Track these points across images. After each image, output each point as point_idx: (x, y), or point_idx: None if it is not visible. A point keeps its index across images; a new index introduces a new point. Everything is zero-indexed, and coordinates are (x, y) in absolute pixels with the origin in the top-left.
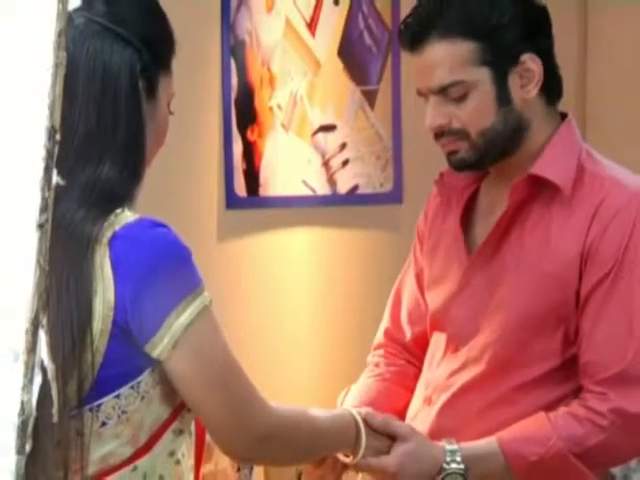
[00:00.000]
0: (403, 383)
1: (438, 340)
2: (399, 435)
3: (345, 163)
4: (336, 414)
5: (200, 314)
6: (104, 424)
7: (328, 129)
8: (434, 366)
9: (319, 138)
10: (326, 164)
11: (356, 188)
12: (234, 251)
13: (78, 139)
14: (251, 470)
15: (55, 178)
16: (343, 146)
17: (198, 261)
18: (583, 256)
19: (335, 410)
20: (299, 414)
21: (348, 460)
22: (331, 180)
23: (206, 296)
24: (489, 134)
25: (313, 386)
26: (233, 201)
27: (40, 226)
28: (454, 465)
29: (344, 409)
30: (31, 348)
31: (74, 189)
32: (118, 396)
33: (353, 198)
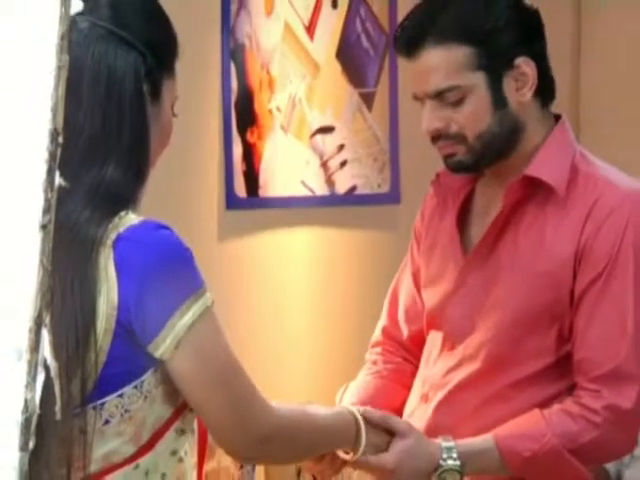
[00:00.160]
0: (400, 380)
1: (434, 338)
2: (398, 431)
3: (343, 164)
4: (336, 412)
5: (202, 315)
6: (107, 422)
7: (326, 131)
8: (430, 364)
9: (317, 140)
10: (324, 165)
11: (354, 189)
12: (234, 251)
13: (83, 142)
14: (253, 467)
15: (58, 180)
16: (341, 147)
17: (199, 261)
18: (577, 255)
19: (335, 408)
20: (300, 414)
21: (348, 457)
22: (329, 181)
23: (208, 297)
24: (486, 137)
25: (312, 383)
26: (233, 202)
27: (43, 227)
28: (450, 462)
29: (344, 407)
30: (34, 347)
31: (79, 191)
32: (121, 395)
33: (351, 198)
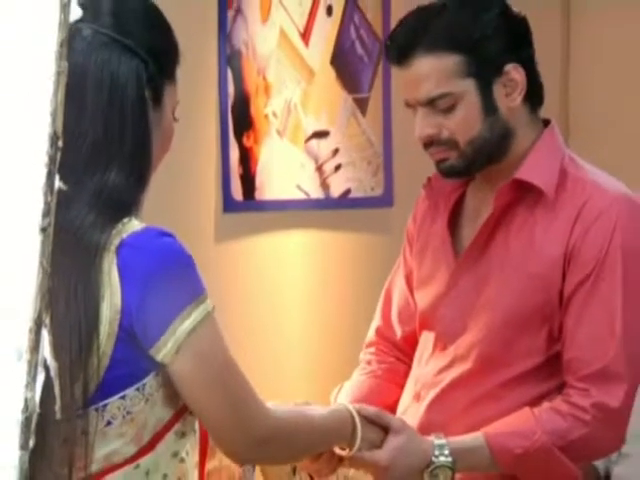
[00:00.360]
0: (394, 380)
1: (427, 338)
2: (391, 427)
3: (337, 168)
4: (332, 409)
5: (203, 320)
6: (109, 424)
7: (321, 135)
8: (423, 363)
9: (312, 144)
10: (319, 169)
11: (348, 192)
12: (231, 253)
13: (86, 147)
14: (254, 466)
15: (57, 183)
16: (336, 152)
17: (196, 262)
18: (566, 257)
19: (331, 405)
20: (297, 415)
21: (344, 453)
22: (324, 184)
23: (209, 303)
24: (477, 142)
25: (308, 383)
26: (230, 204)
27: (43, 230)
28: (442, 458)
29: (340, 404)
30: (34, 347)
31: (83, 196)
32: (124, 397)
33: (345, 202)
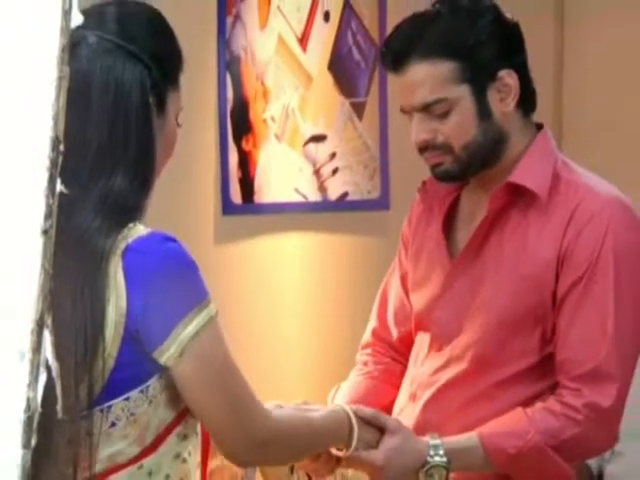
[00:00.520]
0: (390, 380)
1: (422, 339)
2: (388, 428)
3: (335, 171)
4: (330, 411)
5: (206, 325)
6: (113, 425)
7: (319, 139)
8: (418, 364)
9: (310, 148)
10: (317, 172)
11: (345, 195)
12: (230, 255)
13: (91, 152)
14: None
15: (59, 186)
16: (333, 155)
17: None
18: (559, 259)
19: (329, 407)
20: (296, 417)
21: (341, 453)
22: (322, 187)
23: (212, 308)
24: (471, 147)
25: (305, 384)
26: (229, 207)
27: (45, 232)
28: (437, 458)
29: (337, 405)
30: (36, 347)
31: (88, 201)
32: (128, 399)
33: (343, 204)
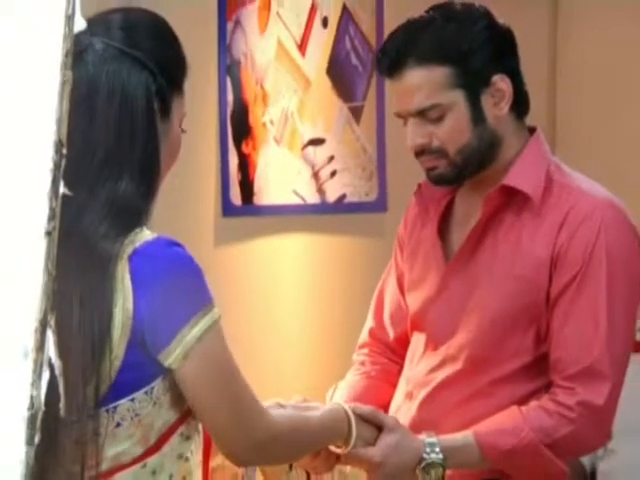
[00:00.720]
0: (387, 379)
1: (418, 339)
2: (385, 425)
3: (333, 174)
4: (329, 409)
5: (209, 328)
6: (119, 425)
7: (317, 143)
8: (414, 363)
9: (309, 151)
10: (315, 175)
11: (343, 197)
12: (230, 256)
13: (98, 157)
14: None
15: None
16: (331, 158)
17: None
18: (553, 260)
19: (328, 405)
20: (295, 418)
21: (340, 451)
22: (320, 190)
23: (216, 312)
24: (466, 151)
25: (303, 383)
26: (229, 209)
27: (48, 233)
28: (434, 455)
29: (336, 403)
30: (39, 346)
31: (95, 205)
32: (133, 400)
33: (341, 206)
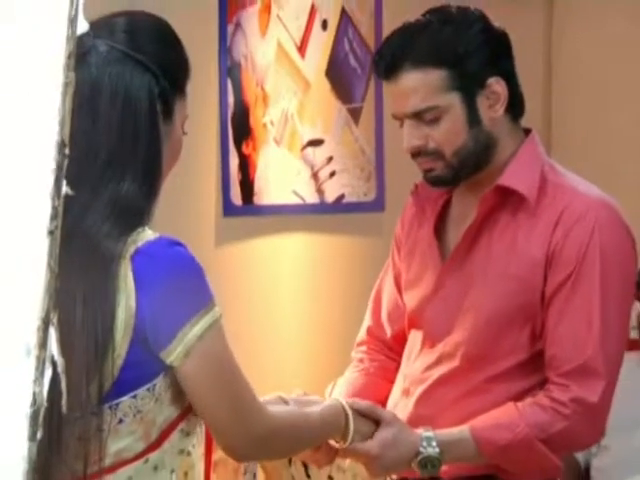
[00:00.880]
0: (385, 376)
1: (415, 337)
2: (383, 420)
3: (332, 174)
4: (327, 405)
5: (210, 327)
6: (121, 421)
7: (316, 143)
8: (411, 361)
9: (308, 152)
10: (315, 175)
11: (342, 197)
12: (230, 255)
13: (101, 158)
14: None
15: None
16: (330, 159)
17: None
18: (547, 259)
19: (326, 401)
20: (294, 414)
21: (338, 445)
22: (319, 190)
23: (217, 311)
24: (462, 153)
25: (303, 380)
26: (230, 209)
27: (50, 232)
28: (430, 449)
29: (334, 399)
30: (42, 344)
31: (98, 205)
32: (135, 397)
33: (339, 206)
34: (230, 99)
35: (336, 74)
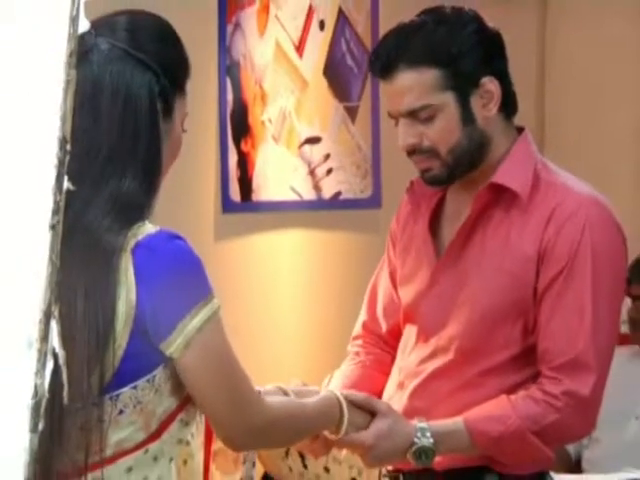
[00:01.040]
0: (380, 369)
1: (410, 331)
2: (379, 410)
3: (329, 171)
4: (322, 397)
5: (209, 319)
6: (121, 412)
7: (314, 141)
8: (406, 354)
9: (305, 149)
10: (312, 172)
11: (339, 194)
12: (229, 251)
13: (102, 154)
14: None
15: (66, 184)
16: (327, 156)
17: None
18: (540, 255)
19: (322, 393)
20: (290, 405)
21: (332, 437)
22: (316, 187)
23: (215, 303)
24: (457, 151)
25: (300, 373)
26: (229, 205)
27: (52, 227)
28: (425, 440)
29: (329, 391)
30: (44, 337)
31: (99, 200)
32: (135, 387)
33: (336, 203)
34: (229, 97)
35: (333, 73)
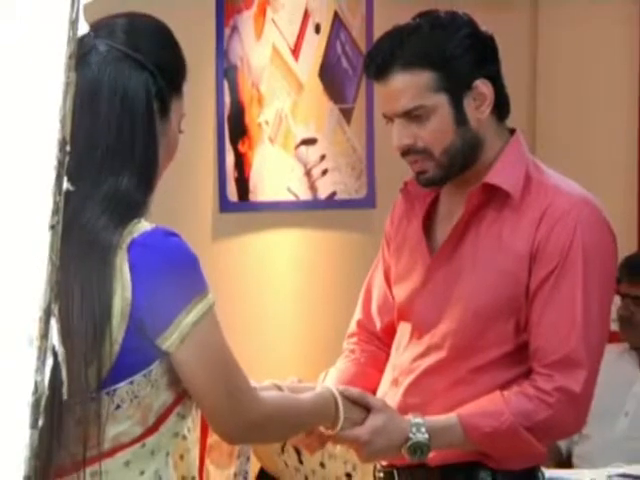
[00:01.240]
0: (375, 365)
1: (404, 329)
2: (374, 406)
3: (324, 172)
4: (318, 393)
5: (205, 314)
6: (118, 407)
7: (309, 142)
8: (400, 351)
9: (301, 150)
10: (308, 173)
11: (334, 194)
12: (227, 250)
13: (100, 153)
14: None
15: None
16: (323, 157)
17: None
18: (532, 254)
19: (317, 389)
20: (286, 400)
21: (328, 432)
22: (312, 187)
23: (210, 298)
24: (450, 151)
25: (295, 371)
26: (226, 205)
27: (52, 227)
28: (419, 435)
29: (325, 387)
30: (44, 334)
31: (97, 199)
32: (132, 382)
33: (332, 203)
34: (226, 99)
35: (328, 76)
